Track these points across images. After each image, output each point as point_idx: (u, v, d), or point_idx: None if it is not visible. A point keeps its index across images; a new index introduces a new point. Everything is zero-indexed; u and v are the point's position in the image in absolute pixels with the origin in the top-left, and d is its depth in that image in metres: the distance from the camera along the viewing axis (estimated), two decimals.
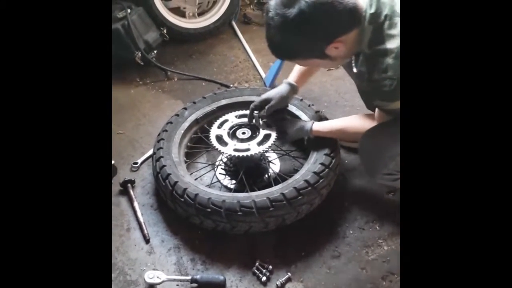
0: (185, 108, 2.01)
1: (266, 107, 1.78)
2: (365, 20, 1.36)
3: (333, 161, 1.70)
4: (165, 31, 2.73)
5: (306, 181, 1.60)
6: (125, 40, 2.50)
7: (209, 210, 1.56)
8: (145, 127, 2.23)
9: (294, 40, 1.40)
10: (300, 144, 1.98)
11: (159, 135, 1.90)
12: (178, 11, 2.91)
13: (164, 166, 1.71)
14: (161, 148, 1.80)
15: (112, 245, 1.65)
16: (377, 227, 1.71)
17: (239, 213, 1.54)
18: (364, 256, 1.62)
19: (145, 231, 1.70)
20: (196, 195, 1.58)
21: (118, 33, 2.48)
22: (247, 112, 1.84)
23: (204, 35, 2.93)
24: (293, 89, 1.82)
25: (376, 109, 1.57)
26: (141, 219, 1.75)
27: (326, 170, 1.65)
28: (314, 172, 1.63)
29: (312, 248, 1.64)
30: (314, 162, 1.69)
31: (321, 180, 1.62)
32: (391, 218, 1.74)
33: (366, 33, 1.38)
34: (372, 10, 1.35)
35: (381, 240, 1.67)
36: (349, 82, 2.36)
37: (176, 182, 1.64)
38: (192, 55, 2.82)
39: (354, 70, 1.62)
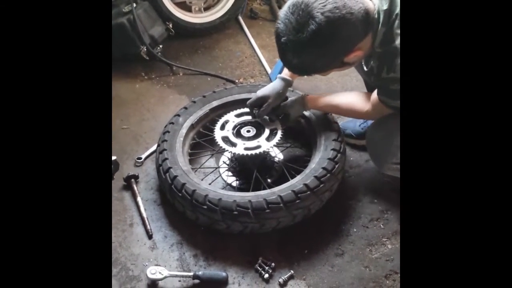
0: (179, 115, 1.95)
1: (264, 105, 1.76)
2: (379, 24, 1.34)
3: (342, 145, 1.72)
4: (170, 25, 2.72)
5: (324, 168, 1.61)
6: (130, 34, 2.49)
7: (236, 212, 1.53)
8: (149, 122, 2.23)
9: (313, 60, 1.39)
10: (299, 136, 1.99)
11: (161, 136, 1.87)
12: (184, 6, 2.89)
13: (176, 176, 1.66)
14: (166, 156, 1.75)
15: (114, 240, 1.65)
16: (381, 226, 1.70)
17: (267, 210, 1.53)
18: (367, 254, 1.61)
19: (148, 227, 1.70)
20: (219, 199, 1.55)
21: (124, 27, 2.47)
22: (245, 110, 1.83)
23: (210, 30, 2.91)
24: (288, 83, 1.81)
25: (377, 99, 1.55)
26: (144, 214, 1.74)
27: (339, 155, 1.67)
28: (329, 158, 1.64)
29: (315, 246, 1.63)
30: (325, 149, 1.69)
31: (336, 166, 1.64)
32: (395, 216, 1.72)
33: (379, 35, 1.37)
34: (385, 8, 1.33)
35: (385, 238, 1.65)
36: (355, 78, 2.34)
37: (194, 191, 1.59)
38: (198, 50, 2.80)
39: (365, 68, 1.62)
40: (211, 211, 1.56)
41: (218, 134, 1.76)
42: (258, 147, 1.69)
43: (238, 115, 1.84)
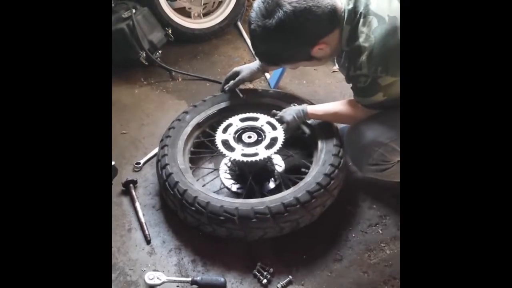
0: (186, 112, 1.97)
1: (237, 78, 1.94)
2: (343, 20, 1.41)
3: (341, 161, 1.69)
4: (170, 31, 2.73)
5: (318, 183, 1.59)
6: (130, 40, 2.50)
7: (222, 218, 1.53)
8: (148, 127, 2.23)
9: (279, 48, 1.48)
10: (303, 145, 1.97)
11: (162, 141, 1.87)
12: (184, 12, 2.90)
13: (171, 173, 1.67)
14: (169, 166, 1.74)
15: (112, 245, 1.65)
16: (379, 231, 1.70)
17: (253, 219, 1.52)
18: (366, 260, 1.61)
19: (146, 232, 1.70)
20: (208, 203, 1.55)
21: (123, 33, 2.47)
22: (251, 115, 1.82)
23: (209, 36, 2.92)
24: (263, 67, 1.95)
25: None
26: (143, 220, 1.74)
27: (337, 171, 1.65)
28: (325, 174, 1.62)
29: (313, 251, 1.63)
30: (323, 163, 1.67)
31: (332, 182, 1.61)
32: (394, 222, 1.72)
33: (345, 32, 1.45)
34: (350, 7, 1.42)
35: (384, 244, 1.65)
36: None
37: (185, 191, 1.60)
38: (197, 55, 2.81)
39: (336, 66, 1.72)
40: (199, 213, 1.56)
41: (219, 136, 1.76)
42: (256, 154, 1.67)
43: (242, 120, 1.83)
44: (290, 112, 1.78)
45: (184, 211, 1.61)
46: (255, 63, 1.96)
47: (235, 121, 1.82)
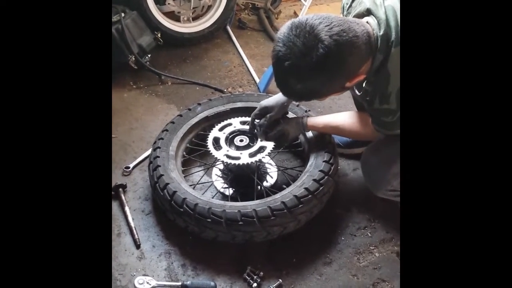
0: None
1: (268, 115, 1.75)
2: (376, 48, 1.29)
3: (332, 168, 1.69)
4: (159, 35, 2.72)
5: (306, 189, 1.58)
6: (119, 43, 2.48)
7: (209, 220, 1.54)
8: (137, 131, 2.22)
9: (317, 85, 1.29)
10: (299, 159, 1.98)
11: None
12: (173, 15, 2.90)
13: (162, 175, 1.69)
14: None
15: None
16: (368, 234, 1.71)
17: (240, 222, 1.53)
18: (355, 263, 1.62)
19: (136, 236, 1.69)
20: (196, 205, 1.56)
21: (112, 36, 2.47)
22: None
23: (198, 40, 2.92)
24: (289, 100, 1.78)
25: (372, 125, 1.53)
26: (132, 224, 1.73)
27: (326, 177, 1.65)
28: (314, 180, 1.62)
29: (303, 254, 1.64)
30: (314, 169, 1.67)
31: (321, 188, 1.61)
32: (383, 225, 1.74)
33: (376, 61, 1.32)
34: (381, 33, 1.28)
35: (373, 247, 1.67)
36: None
37: (175, 192, 1.62)
38: (186, 59, 2.81)
39: (357, 92, 1.57)
40: (187, 215, 1.57)
41: (213, 133, 1.78)
42: (237, 158, 1.69)
43: (243, 122, 1.84)
44: (289, 123, 1.77)
45: (173, 213, 1.63)
46: (279, 94, 1.76)
47: (235, 122, 1.84)
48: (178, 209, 1.59)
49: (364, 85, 1.48)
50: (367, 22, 1.31)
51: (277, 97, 1.78)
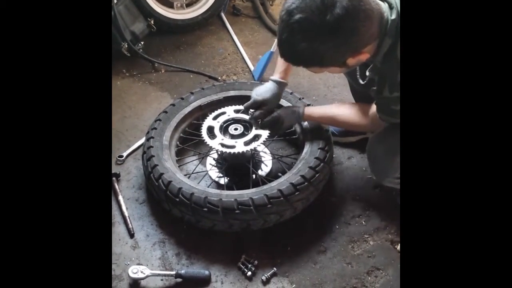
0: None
1: (264, 108, 1.72)
2: (385, 32, 1.26)
3: (327, 155, 1.69)
4: (152, 22, 2.68)
5: (302, 176, 1.58)
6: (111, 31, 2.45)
7: (205, 209, 1.53)
8: (131, 119, 2.20)
9: (323, 49, 1.21)
10: (294, 147, 1.97)
11: None
12: (166, 2, 2.85)
13: (156, 165, 1.67)
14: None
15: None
16: (363, 222, 1.71)
17: (237, 211, 1.52)
18: (349, 251, 1.62)
19: (130, 226, 1.69)
20: (192, 194, 1.55)
21: None
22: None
23: (192, 27, 2.88)
24: (282, 86, 1.77)
25: (376, 114, 1.49)
26: (126, 213, 1.73)
27: (322, 164, 1.65)
28: (310, 167, 1.62)
29: (298, 243, 1.64)
30: (309, 156, 1.67)
31: (317, 175, 1.61)
32: (377, 213, 1.74)
33: (384, 45, 1.29)
34: (393, 17, 1.25)
35: (367, 235, 1.67)
36: (337, 76, 2.35)
37: (170, 182, 1.61)
38: (180, 46, 2.78)
39: (361, 81, 1.55)
40: (183, 204, 1.57)
41: (207, 122, 1.77)
42: (233, 147, 1.68)
43: (236, 111, 1.82)
44: (286, 113, 1.75)
45: (168, 202, 1.62)
46: (275, 87, 1.74)
47: (229, 111, 1.82)
48: (173, 199, 1.58)
49: (367, 73, 1.46)
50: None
51: (269, 89, 1.75)
